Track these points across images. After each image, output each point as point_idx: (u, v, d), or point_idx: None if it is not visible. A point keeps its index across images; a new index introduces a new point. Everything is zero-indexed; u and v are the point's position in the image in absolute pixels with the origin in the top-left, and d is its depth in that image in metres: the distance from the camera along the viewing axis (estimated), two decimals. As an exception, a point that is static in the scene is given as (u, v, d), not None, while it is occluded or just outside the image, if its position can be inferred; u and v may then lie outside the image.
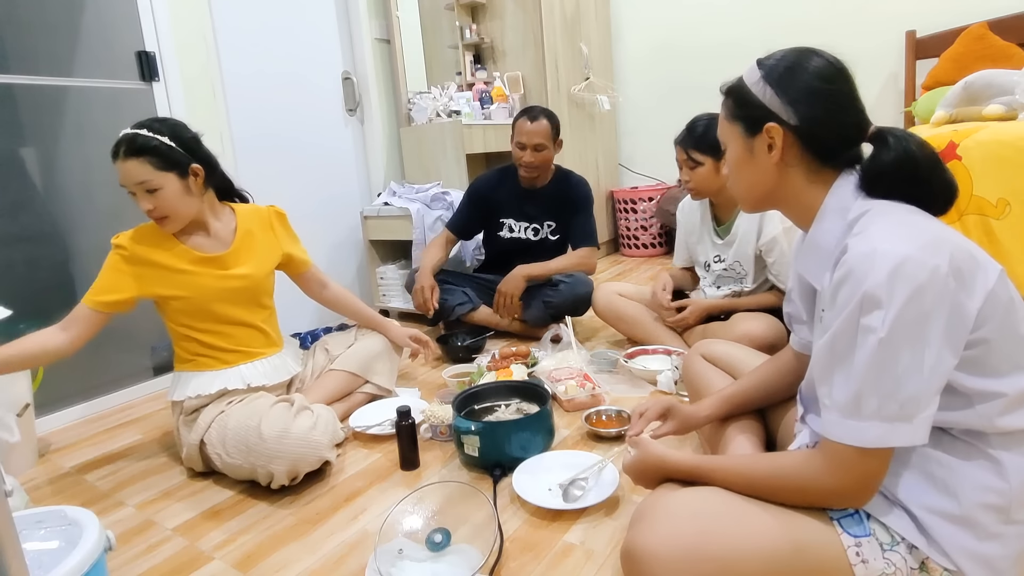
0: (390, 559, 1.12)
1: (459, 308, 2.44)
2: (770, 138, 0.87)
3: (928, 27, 2.94)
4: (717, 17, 3.62)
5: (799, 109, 0.85)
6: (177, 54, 2.34)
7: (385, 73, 3.30)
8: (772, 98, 0.87)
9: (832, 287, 0.79)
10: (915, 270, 0.71)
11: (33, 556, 0.92)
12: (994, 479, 0.78)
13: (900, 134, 0.84)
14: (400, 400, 1.89)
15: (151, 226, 1.58)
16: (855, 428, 0.76)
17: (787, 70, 0.87)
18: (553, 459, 1.44)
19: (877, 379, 0.74)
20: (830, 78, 0.86)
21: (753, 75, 0.90)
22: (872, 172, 0.84)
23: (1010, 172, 1.26)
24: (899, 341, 0.72)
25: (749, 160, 0.92)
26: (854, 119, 0.86)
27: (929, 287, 0.72)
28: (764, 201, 0.95)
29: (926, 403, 0.74)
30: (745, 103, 0.91)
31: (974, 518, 0.78)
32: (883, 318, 0.72)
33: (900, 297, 0.71)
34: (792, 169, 0.89)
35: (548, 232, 2.52)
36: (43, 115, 2.05)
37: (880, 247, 0.74)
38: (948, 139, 1.33)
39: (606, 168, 4.01)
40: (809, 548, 0.81)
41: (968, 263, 0.75)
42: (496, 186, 2.53)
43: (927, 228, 0.77)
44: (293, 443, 1.40)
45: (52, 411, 2.03)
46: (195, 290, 1.58)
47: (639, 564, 0.82)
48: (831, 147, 0.86)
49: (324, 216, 3.05)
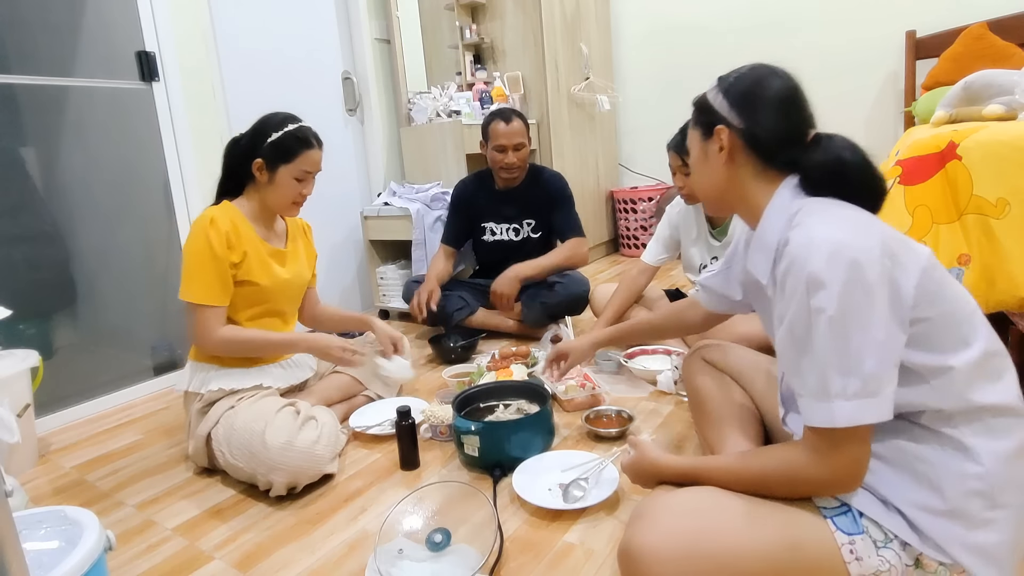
0: (390, 559, 1.12)
1: (458, 313, 2.45)
2: (720, 140, 0.96)
3: (928, 27, 2.94)
4: (717, 18, 3.62)
5: (742, 113, 0.94)
6: (177, 54, 2.34)
7: (385, 73, 3.30)
8: (722, 104, 0.96)
9: (780, 278, 0.85)
10: (851, 252, 0.77)
11: (33, 556, 0.92)
12: (969, 465, 0.80)
13: (834, 138, 0.92)
14: (400, 400, 1.89)
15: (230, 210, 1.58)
16: (826, 410, 0.79)
17: (737, 79, 0.97)
18: (553, 459, 1.44)
19: (837, 358, 0.78)
20: (764, 82, 0.95)
21: (711, 86, 1.01)
22: (808, 173, 0.92)
23: (1010, 172, 1.26)
24: (848, 318, 0.77)
25: (705, 161, 1.01)
26: (794, 124, 0.94)
27: (867, 265, 0.77)
28: (721, 200, 1.02)
29: (887, 379, 0.78)
30: (703, 111, 1.00)
31: (961, 508, 0.79)
32: (829, 297, 0.77)
33: (841, 276, 0.77)
34: (740, 169, 0.96)
35: (529, 231, 2.53)
36: (43, 115, 2.05)
37: (817, 235, 0.80)
38: (948, 139, 1.33)
39: (606, 168, 4.01)
40: (804, 546, 0.82)
41: (899, 245, 0.81)
42: (475, 191, 2.54)
43: (858, 218, 0.84)
44: (296, 456, 1.39)
45: (52, 411, 2.03)
46: (268, 279, 1.62)
47: (636, 563, 0.83)
48: (772, 149, 0.93)
49: (324, 216, 3.05)
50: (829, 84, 3.30)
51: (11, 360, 1.71)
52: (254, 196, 1.64)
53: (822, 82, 3.31)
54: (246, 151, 1.60)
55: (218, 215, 1.54)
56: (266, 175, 1.59)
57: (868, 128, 3.27)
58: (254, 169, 1.59)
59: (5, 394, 1.60)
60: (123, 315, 2.26)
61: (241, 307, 1.61)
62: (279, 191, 1.60)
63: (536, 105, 3.44)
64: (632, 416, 1.62)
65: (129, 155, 2.25)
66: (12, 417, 1.57)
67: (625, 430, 1.58)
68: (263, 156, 1.58)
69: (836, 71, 3.28)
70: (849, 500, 0.85)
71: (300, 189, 1.61)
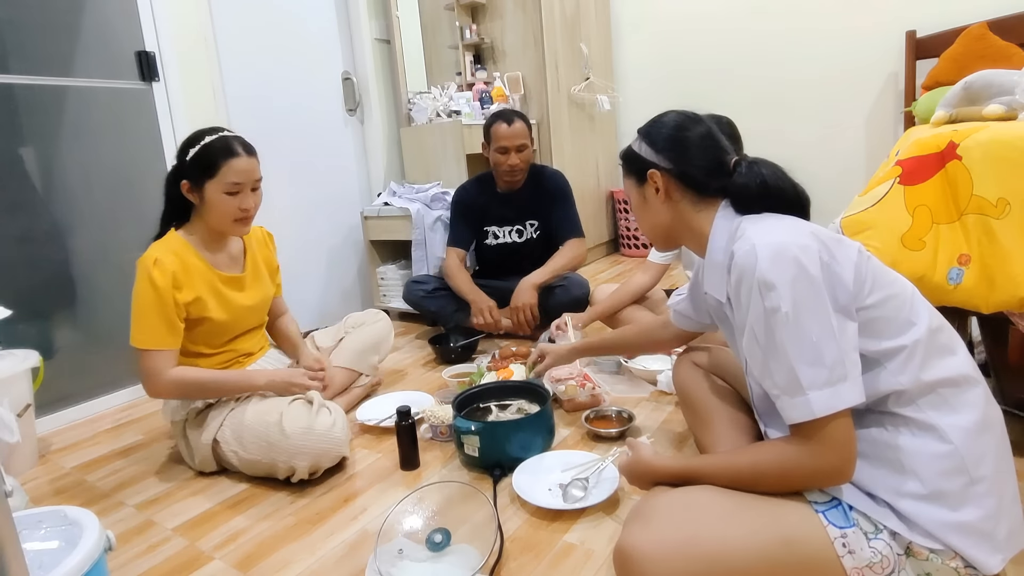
0: (390, 559, 1.12)
1: (457, 314, 2.45)
2: (654, 182, 1.05)
3: (928, 27, 2.94)
4: (717, 18, 3.61)
5: (666, 155, 1.04)
6: (177, 54, 2.34)
7: (385, 73, 3.30)
8: (648, 151, 1.06)
9: (733, 290, 0.91)
10: (791, 250, 0.84)
11: (33, 556, 0.92)
12: (938, 444, 0.83)
13: (752, 160, 1.01)
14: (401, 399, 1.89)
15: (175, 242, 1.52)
16: (803, 403, 0.82)
17: (652, 126, 1.08)
18: (553, 459, 1.44)
19: (800, 352, 0.82)
20: (683, 126, 1.04)
21: (635, 138, 1.11)
22: (736, 195, 1.00)
23: (1010, 172, 1.26)
24: (801, 311, 0.82)
25: (644, 204, 1.09)
26: (712, 155, 1.03)
27: (807, 260, 0.83)
28: (669, 236, 1.10)
29: (851, 362, 0.83)
30: (632, 160, 1.09)
31: (941, 489, 0.81)
32: (780, 296, 0.83)
33: (787, 274, 0.83)
34: (678, 204, 1.05)
35: (532, 232, 2.52)
36: (43, 115, 2.05)
37: (758, 241, 0.86)
38: (948, 139, 1.33)
39: (606, 168, 4.01)
40: (797, 542, 0.84)
41: (831, 240, 0.88)
42: (477, 195, 2.52)
43: (790, 222, 0.92)
44: (316, 439, 1.42)
45: (52, 411, 2.03)
46: (226, 313, 1.56)
47: (631, 564, 0.84)
48: (701, 180, 1.02)
49: (324, 216, 3.06)
50: (829, 84, 3.30)
51: (11, 360, 1.71)
52: (197, 221, 1.55)
53: (822, 82, 3.32)
54: (175, 174, 1.51)
55: (162, 254, 1.45)
56: (196, 195, 1.49)
57: (868, 128, 3.26)
58: (184, 192, 1.49)
59: (5, 394, 1.60)
60: (123, 315, 2.25)
61: (202, 341, 1.57)
62: (215, 210, 1.49)
63: (536, 105, 3.43)
64: (632, 416, 1.63)
65: (129, 155, 2.25)
66: (12, 417, 1.57)
67: (625, 430, 1.58)
68: (187, 176, 1.48)
69: (836, 71, 3.28)
70: (838, 494, 0.86)
71: (237, 204, 1.48)
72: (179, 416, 1.58)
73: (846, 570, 0.82)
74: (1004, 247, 1.26)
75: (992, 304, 1.29)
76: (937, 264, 1.31)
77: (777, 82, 3.44)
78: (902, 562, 0.83)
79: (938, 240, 1.35)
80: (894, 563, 0.83)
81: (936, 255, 1.32)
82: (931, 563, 0.82)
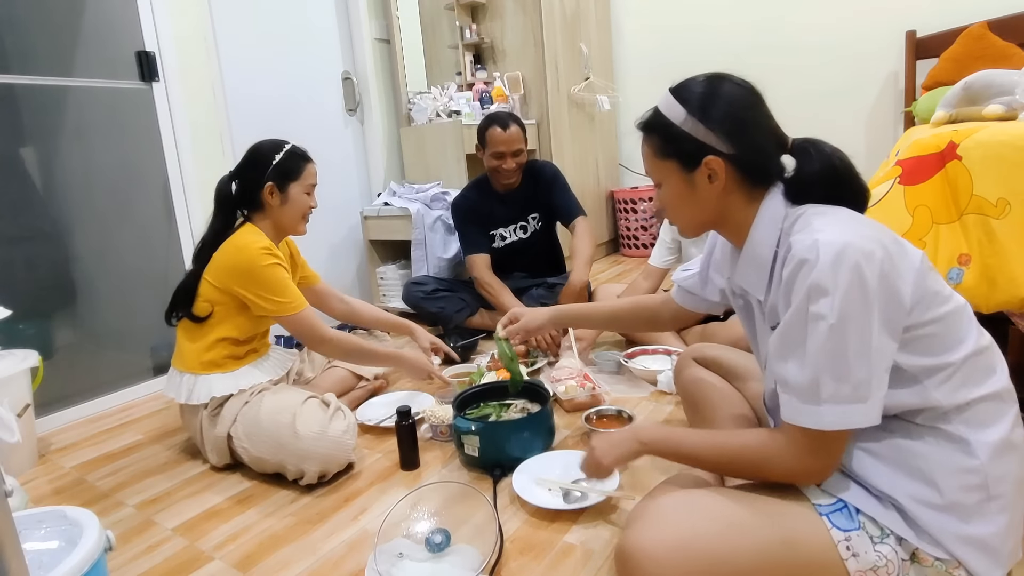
0: (390, 560, 1.12)
1: (458, 315, 2.45)
2: (710, 170, 0.90)
3: (928, 27, 2.94)
4: (717, 17, 3.61)
5: (731, 138, 0.88)
6: (177, 54, 2.34)
7: (385, 73, 3.30)
8: (706, 133, 0.89)
9: (785, 284, 0.83)
10: (855, 255, 0.76)
11: (33, 556, 0.92)
12: (965, 459, 0.80)
13: (819, 145, 0.90)
14: (401, 399, 1.89)
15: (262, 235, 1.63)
16: (814, 412, 0.79)
17: (709, 101, 0.90)
18: (553, 459, 1.43)
19: (830, 364, 0.78)
20: (749, 104, 0.91)
21: (674, 109, 0.92)
22: (799, 182, 0.89)
23: (1010, 172, 1.26)
24: (847, 326, 0.77)
25: (691, 193, 0.94)
26: (774, 136, 0.92)
27: (868, 270, 0.76)
28: (705, 226, 0.99)
29: (877, 384, 0.78)
30: (675, 139, 0.92)
31: (958, 502, 0.80)
32: (831, 305, 0.77)
33: (844, 282, 0.76)
34: (732, 195, 0.92)
35: (535, 224, 2.54)
36: (43, 115, 2.05)
37: (822, 238, 0.79)
38: (948, 139, 1.33)
39: (606, 168, 4.01)
40: (800, 544, 0.83)
41: (896, 248, 0.81)
42: (478, 201, 2.51)
43: (859, 220, 0.84)
44: (328, 444, 1.43)
45: (52, 411, 2.03)
46: None
47: (634, 564, 0.83)
48: (762, 167, 0.91)
49: (324, 216, 3.04)
50: (829, 84, 3.29)
51: (11, 360, 1.71)
52: (263, 223, 1.66)
53: (822, 82, 3.32)
54: (249, 183, 1.64)
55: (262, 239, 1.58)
56: (278, 197, 1.64)
57: (868, 128, 3.26)
58: (265, 195, 1.62)
59: (5, 394, 1.60)
60: (123, 315, 2.26)
61: (248, 328, 1.62)
62: (293, 208, 1.66)
63: (536, 105, 3.43)
64: (632, 416, 1.62)
65: (129, 155, 2.25)
66: (12, 417, 1.57)
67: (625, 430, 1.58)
68: (272, 180, 1.63)
69: (836, 71, 3.28)
70: (844, 496, 0.85)
71: (309, 203, 1.70)
72: (199, 407, 1.58)
73: (850, 573, 0.82)
74: (1004, 247, 1.26)
75: (992, 304, 1.29)
76: (937, 264, 1.31)
77: (777, 82, 3.41)
78: (906, 567, 0.83)
79: (938, 240, 1.35)
80: (898, 568, 0.82)
81: (936, 255, 1.33)
82: (935, 570, 0.81)
